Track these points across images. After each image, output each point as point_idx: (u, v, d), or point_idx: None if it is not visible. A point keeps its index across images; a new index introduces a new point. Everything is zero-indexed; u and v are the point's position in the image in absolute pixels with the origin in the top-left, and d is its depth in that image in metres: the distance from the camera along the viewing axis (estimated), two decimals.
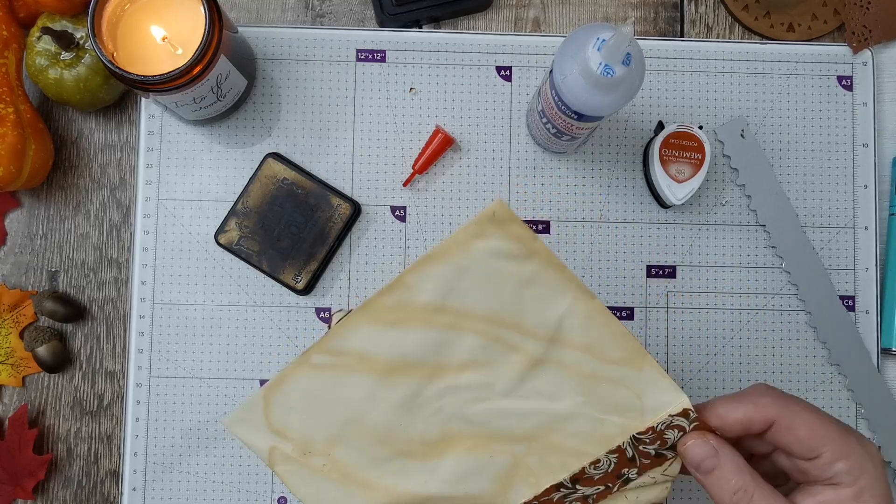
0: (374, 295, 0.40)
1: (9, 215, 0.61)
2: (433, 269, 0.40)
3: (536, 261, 0.40)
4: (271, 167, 0.59)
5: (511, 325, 0.40)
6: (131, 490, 0.58)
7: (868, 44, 0.62)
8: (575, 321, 0.40)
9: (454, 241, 0.39)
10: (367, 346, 0.41)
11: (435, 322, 0.40)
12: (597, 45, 0.45)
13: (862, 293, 0.61)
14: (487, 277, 0.40)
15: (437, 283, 0.40)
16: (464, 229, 0.39)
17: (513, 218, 0.39)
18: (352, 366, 0.41)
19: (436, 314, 0.40)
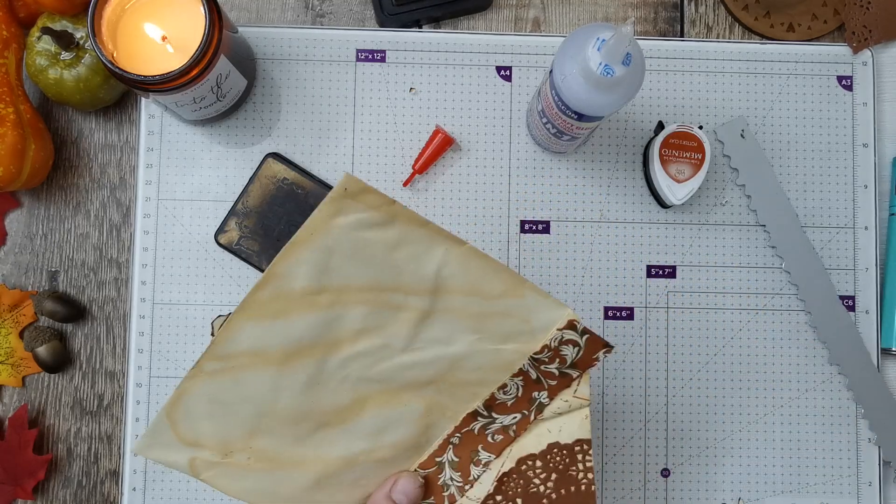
0: (249, 292, 0.40)
1: (9, 215, 0.61)
2: (302, 254, 0.40)
3: (399, 223, 0.41)
4: (271, 167, 0.59)
5: (392, 288, 0.42)
6: (131, 490, 0.58)
7: (868, 44, 0.62)
8: (452, 269, 0.42)
9: (314, 223, 0.40)
10: (256, 343, 0.41)
11: (317, 304, 0.41)
12: (597, 45, 0.45)
13: (862, 293, 0.61)
14: (356, 249, 0.40)
15: (309, 267, 0.40)
16: (320, 210, 0.39)
17: (365, 188, 0.39)
18: (246, 365, 0.41)
19: (316, 296, 0.41)
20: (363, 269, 0.41)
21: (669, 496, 0.59)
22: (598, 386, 0.60)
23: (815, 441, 0.60)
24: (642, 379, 0.60)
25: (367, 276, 0.41)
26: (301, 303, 0.41)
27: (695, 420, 0.60)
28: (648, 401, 0.60)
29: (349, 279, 0.41)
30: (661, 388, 0.60)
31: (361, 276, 0.41)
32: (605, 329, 0.60)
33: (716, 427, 0.60)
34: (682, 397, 0.60)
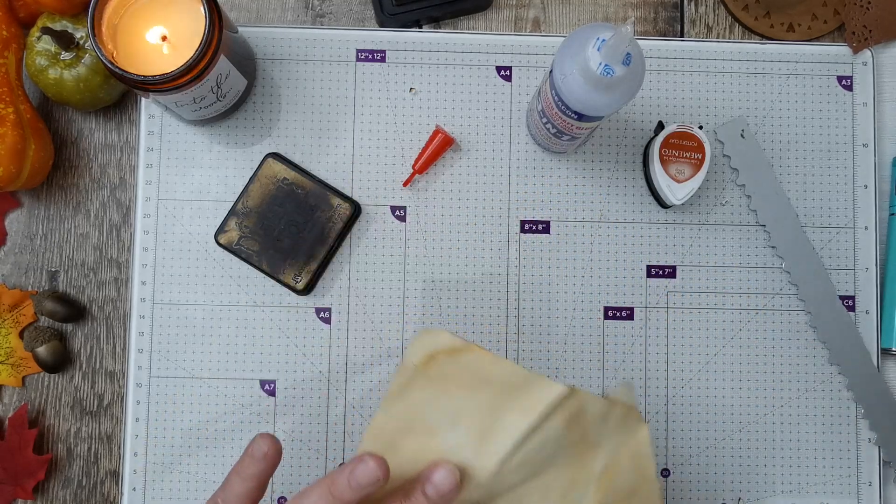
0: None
1: (9, 215, 0.61)
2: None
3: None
4: (271, 167, 0.59)
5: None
6: (131, 490, 0.58)
7: (868, 44, 0.62)
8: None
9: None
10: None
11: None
12: (597, 45, 0.45)
13: (862, 293, 0.61)
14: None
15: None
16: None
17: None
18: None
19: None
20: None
21: (669, 496, 0.59)
22: (598, 387, 0.60)
23: (815, 441, 0.60)
24: (642, 379, 0.60)
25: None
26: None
27: (695, 420, 0.60)
28: (648, 401, 0.60)
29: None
30: (661, 388, 0.60)
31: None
32: (605, 329, 0.60)
33: (716, 427, 0.60)
34: (682, 397, 0.60)
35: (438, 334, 0.41)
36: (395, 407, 0.42)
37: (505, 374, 0.41)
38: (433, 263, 0.60)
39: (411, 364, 0.41)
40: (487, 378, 0.41)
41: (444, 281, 0.60)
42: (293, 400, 0.59)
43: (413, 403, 0.42)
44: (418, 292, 0.60)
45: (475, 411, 0.41)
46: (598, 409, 0.42)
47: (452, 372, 0.41)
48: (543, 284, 0.60)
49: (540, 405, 0.41)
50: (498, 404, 0.41)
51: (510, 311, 0.60)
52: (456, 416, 0.41)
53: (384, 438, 0.42)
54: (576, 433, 0.42)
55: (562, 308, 0.60)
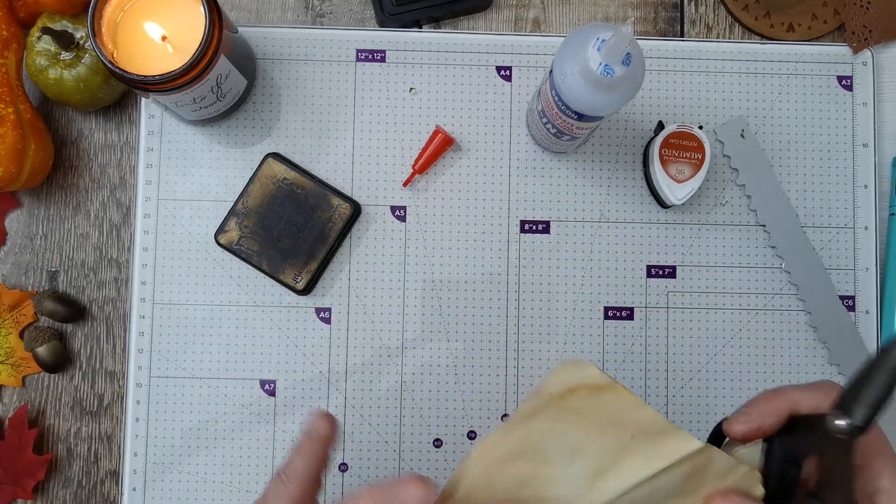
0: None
1: (9, 215, 0.61)
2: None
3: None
4: (271, 167, 0.59)
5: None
6: (131, 490, 0.58)
7: (868, 44, 0.62)
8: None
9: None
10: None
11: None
12: (597, 45, 0.45)
13: (862, 293, 0.61)
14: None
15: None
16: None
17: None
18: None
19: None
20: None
21: None
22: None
23: None
24: (642, 379, 0.60)
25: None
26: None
27: (695, 420, 0.60)
28: (648, 401, 0.60)
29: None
30: (661, 388, 0.60)
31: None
32: (605, 329, 0.60)
33: None
34: (682, 397, 0.60)
35: (586, 367, 0.38)
36: (516, 430, 0.40)
37: (645, 420, 0.39)
38: (433, 263, 0.60)
39: (547, 393, 0.39)
40: (623, 422, 0.39)
41: (444, 281, 0.60)
42: (293, 400, 0.59)
43: (536, 429, 0.40)
44: (418, 292, 0.60)
45: (598, 451, 0.39)
46: (723, 466, 0.40)
47: (589, 409, 0.39)
48: (543, 284, 0.60)
49: (670, 455, 0.39)
50: (625, 448, 0.39)
51: (510, 311, 0.60)
52: (576, 451, 0.40)
53: (494, 454, 0.40)
54: (691, 484, 0.40)
55: (562, 308, 0.60)
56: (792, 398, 0.40)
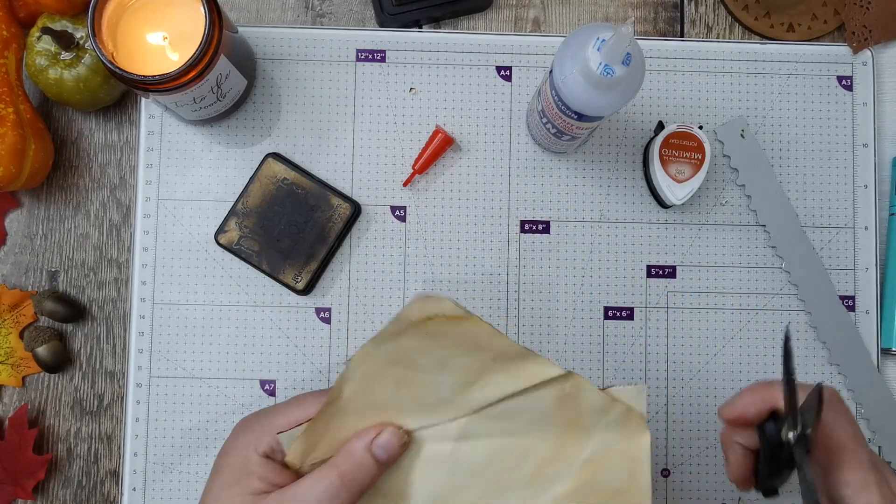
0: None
1: (9, 215, 0.61)
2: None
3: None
4: (271, 167, 0.59)
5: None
6: (131, 490, 0.58)
7: (868, 44, 0.62)
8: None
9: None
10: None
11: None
12: (597, 45, 0.45)
13: (862, 293, 0.61)
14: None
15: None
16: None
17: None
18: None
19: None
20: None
21: (669, 496, 0.59)
22: (599, 386, 0.60)
23: None
24: (642, 379, 0.60)
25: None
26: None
27: (695, 420, 0.60)
28: (648, 401, 0.60)
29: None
30: (661, 388, 0.60)
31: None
32: (605, 329, 0.60)
33: (716, 427, 0.60)
34: (682, 397, 0.60)
35: (441, 301, 0.40)
36: (385, 345, 0.41)
37: (503, 346, 0.41)
38: (433, 263, 0.60)
39: (407, 319, 0.40)
40: (483, 346, 0.41)
41: (444, 281, 0.60)
42: None
43: (403, 347, 0.41)
44: (418, 292, 0.60)
45: (463, 366, 0.42)
46: (597, 401, 0.42)
47: (448, 333, 0.41)
48: (543, 284, 0.60)
49: (534, 377, 0.41)
50: (488, 367, 0.42)
51: (510, 311, 0.60)
52: (444, 364, 0.42)
53: (370, 362, 0.42)
54: (567, 413, 0.42)
55: (562, 308, 0.60)
56: (772, 394, 0.43)
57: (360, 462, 0.42)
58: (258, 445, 0.44)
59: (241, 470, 0.43)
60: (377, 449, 0.42)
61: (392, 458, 0.43)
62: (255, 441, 0.44)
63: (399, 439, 0.43)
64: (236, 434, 0.46)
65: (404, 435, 0.43)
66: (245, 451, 0.44)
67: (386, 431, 0.43)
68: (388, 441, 0.42)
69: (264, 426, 0.44)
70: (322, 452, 0.44)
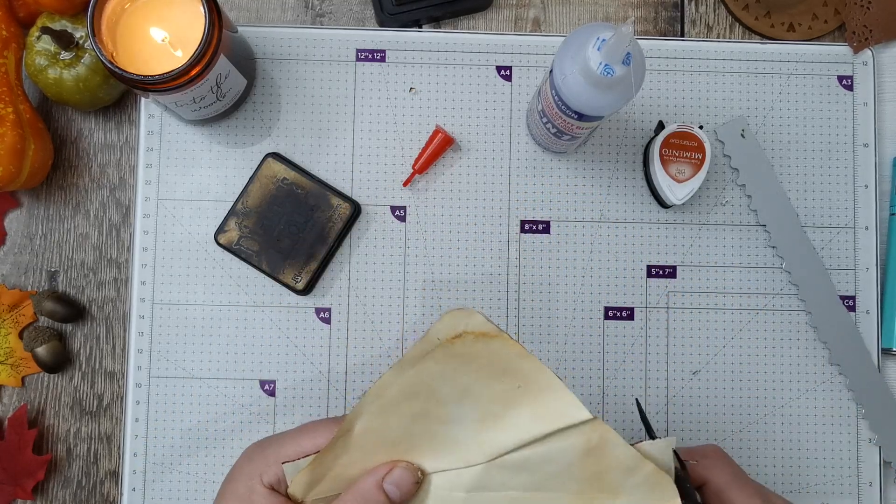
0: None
1: (8, 215, 0.61)
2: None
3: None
4: (271, 167, 0.59)
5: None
6: (131, 490, 0.58)
7: (869, 43, 0.62)
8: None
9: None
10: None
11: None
12: (597, 44, 0.45)
13: (862, 293, 0.61)
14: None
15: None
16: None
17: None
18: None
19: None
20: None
21: None
22: (599, 386, 0.60)
23: (815, 441, 0.60)
24: (642, 379, 0.60)
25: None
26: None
27: (695, 420, 0.60)
28: (648, 401, 0.60)
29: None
30: (661, 388, 0.60)
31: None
32: (605, 329, 0.60)
33: (716, 427, 0.60)
34: (682, 397, 0.60)
35: (471, 315, 0.38)
36: (406, 372, 0.40)
37: (531, 371, 0.39)
38: (433, 263, 0.60)
39: (435, 338, 0.39)
40: (510, 370, 0.39)
41: (444, 281, 0.60)
42: (293, 400, 0.59)
43: (427, 372, 0.40)
44: (418, 292, 0.60)
45: (487, 396, 0.40)
46: (626, 457, 0.39)
47: (476, 354, 0.39)
48: (543, 284, 0.60)
49: (558, 420, 0.39)
50: (513, 398, 0.39)
51: (510, 311, 0.60)
52: (466, 393, 0.40)
53: (388, 394, 0.40)
54: (592, 468, 0.40)
55: (562, 308, 0.60)
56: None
57: (371, 500, 0.40)
58: (264, 475, 0.42)
59: (245, 500, 0.42)
60: (389, 486, 0.40)
61: (405, 498, 0.40)
62: (262, 470, 0.43)
63: (413, 476, 0.41)
64: (243, 461, 0.44)
65: (418, 472, 0.41)
66: (250, 482, 0.42)
67: (399, 468, 0.40)
68: (401, 478, 0.40)
69: (270, 455, 0.43)
70: (327, 488, 0.42)
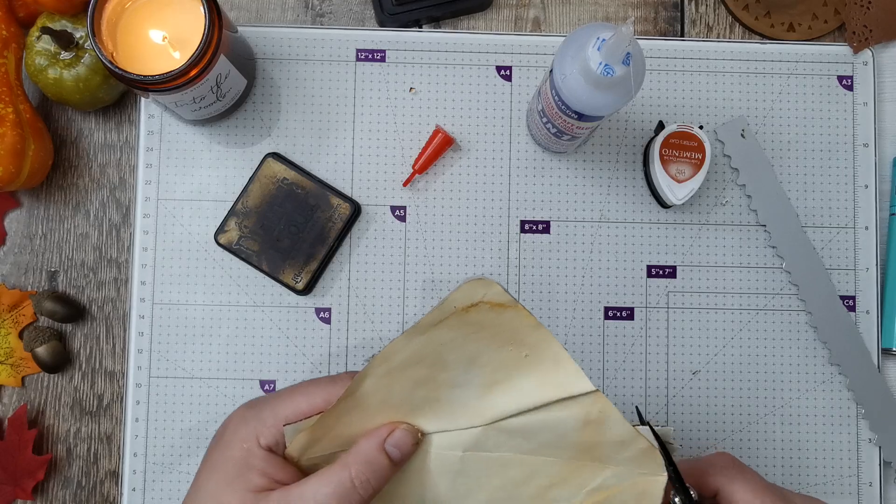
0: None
1: (8, 215, 0.61)
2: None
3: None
4: (271, 167, 0.59)
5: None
6: (131, 490, 0.58)
7: (868, 43, 0.62)
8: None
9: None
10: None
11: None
12: (597, 44, 0.45)
13: (862, 293, 0.61)
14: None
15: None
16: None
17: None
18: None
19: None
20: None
21: None
22: (599, 386, 0.60)
23: (815, 441, 0.60)
24: (642, 379, 0.60)
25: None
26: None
27: (695, 420, 0.60)
28: (648, 401, 0.60)
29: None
30: (661, 388, 0.60)
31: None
32: (605, 329, 0.60)
33: (716, 427, 0.60)
34: (682, 397, 0.60)
35: (491, 285, 0.39)
36: (417, 338, 0.40)
37: (540, 342, 0.40)
38: (433, 263, 0.60)
39: (451, 306, 0.39)
40: (521, 340, 0.40)
41: (444, 281, 0.60)
42: None
43: (437, 338, 0.40)
44: (418, 292, 0.60)
45: (494, 363, 0.41)
46: (621, 432, 0.41)
47: (489, 323, 0.40)
48: (543, 284, 0.60)
49: (561, 390, 0.40)
50: (519, 365, 0.40)
51: None
52: (473, 360, 0.41)
53: (395, 358, 0.41)
54: (587, 439, 0.41)
55: (562, 308, 0.60)
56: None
57: (373, 461, 0.40)
58: (261, 437, 0.41)
59: (242, 464, 0.41)
60: (390, 448, 0.40)
61: (405, 458, 0.41)
62: (259, 432, 0.41)
63: (413, 437, 0.41)
64: (237, 423, 0.43)
65: (418, 433, 0.41)
66: (247, 444, 0.41)
67: (399, 429, 0.41)
68: (401, 439, 0.41)
69: (267, 416, 0.42)
70: (322, 448, 0.42)
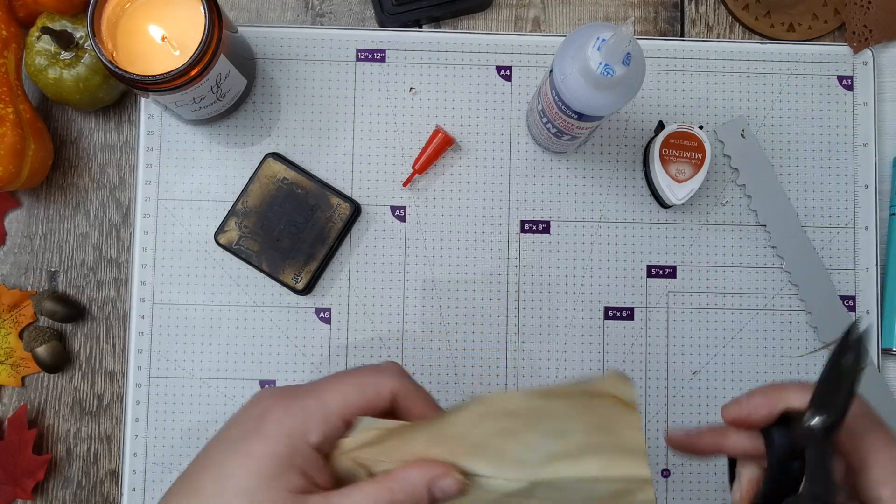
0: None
1: (8, 215, 0.61)
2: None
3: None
4: (271, 167, 0.59)
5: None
6: (131, 490, 0.58)
7: (868, 43, 0.62)
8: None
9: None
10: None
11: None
12: (597, 44, 0.45)
13: (862, 293, 0.61)
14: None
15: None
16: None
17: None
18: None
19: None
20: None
21: (669, 496, 0.59)
22: None
23: None
24: (642, 379, 0.60)
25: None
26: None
27: (695, 420, 0.60)
28: (648, 401, 0.60)
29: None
30: (661, 388, 0.60)
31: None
32: (605, 329, 0.60)
33: None
34: (682, 397, 0.60)
35: (628, 388, 0.39)
36: (536, 400, 0.40)
37: (631, 440, 0.39)
38: (433, 263, 0.60)
39: (583, 388, 0.40)
40: (616, 432, 0.40)
41: (444, 281, 0.60)
42: None
43: (549, 407, 0.40)
44: (418, 292, 0.60)
45: (581, 443, 0.40)
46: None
47: (602, 413, 0.40)
48: (543, 284, 0.60)
49: (617, 472, 0.39)
50: (598, 451, 0.40)
51: (510, 311, 0.60)
52: (563, 434, 0.40)
53: (497, 406, 0.40)
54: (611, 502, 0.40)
55: (562, 308, 0.60)
56: (785, 394, 0.40)
57: (416, 494, 0.38)
58: (311, 434, 0.38)
59: (287, 462, 0.37)
60: (437, 490, 0.39)
61: (445, 501, 0.39)
62: (308, 427, 0.38)
63: (460, 489, 0.39)
64: (280, 415, 0.39)
65: (467, 486, 0.40)
66: (293, 440, 0.38)
67: (451, 477, 0.39)
68: (451, 486, 0.39)
69: (315, 410, 0.38)
70: (371, 452, 0.41)
